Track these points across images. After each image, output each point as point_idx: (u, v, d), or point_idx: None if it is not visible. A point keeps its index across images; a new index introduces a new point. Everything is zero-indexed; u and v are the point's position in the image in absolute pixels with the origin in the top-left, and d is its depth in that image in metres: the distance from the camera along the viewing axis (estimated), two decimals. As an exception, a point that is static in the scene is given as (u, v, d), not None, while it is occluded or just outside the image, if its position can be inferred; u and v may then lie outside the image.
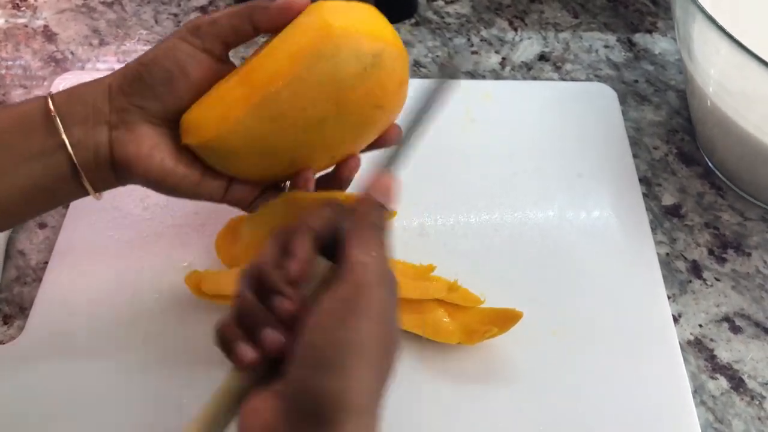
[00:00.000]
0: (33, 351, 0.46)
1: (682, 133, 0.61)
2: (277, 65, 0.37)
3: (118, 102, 0.38)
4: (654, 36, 0.68)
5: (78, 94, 0.38)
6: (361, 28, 0.38)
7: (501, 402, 0.45)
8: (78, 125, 0.37)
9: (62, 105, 0.37)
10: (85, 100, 0.38)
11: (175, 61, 0.38)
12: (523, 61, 0.66)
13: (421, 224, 0.53)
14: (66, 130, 0.37)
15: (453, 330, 0.45)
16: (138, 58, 0.39)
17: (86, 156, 0.37)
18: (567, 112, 0.60)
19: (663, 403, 0.45)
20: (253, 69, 0.38)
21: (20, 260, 0.51)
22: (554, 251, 0.52)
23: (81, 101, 0.38)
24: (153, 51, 0.38)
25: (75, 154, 0.37)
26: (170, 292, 0.48)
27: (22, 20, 0.67)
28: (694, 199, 0.57)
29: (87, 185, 0.38)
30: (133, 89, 0.38)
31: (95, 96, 0.38)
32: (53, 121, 0.37)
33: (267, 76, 0.37)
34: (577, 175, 0.56)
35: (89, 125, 0.37)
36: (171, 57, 0.38)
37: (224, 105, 0.38)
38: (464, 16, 0.69)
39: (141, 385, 0.45)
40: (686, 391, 0.45)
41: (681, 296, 0.51)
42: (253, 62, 0.39)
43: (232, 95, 0.38)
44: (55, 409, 0.44)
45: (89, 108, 0.38)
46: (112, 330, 0.47)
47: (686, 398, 0.45)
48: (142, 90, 0.38)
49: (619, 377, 0.46)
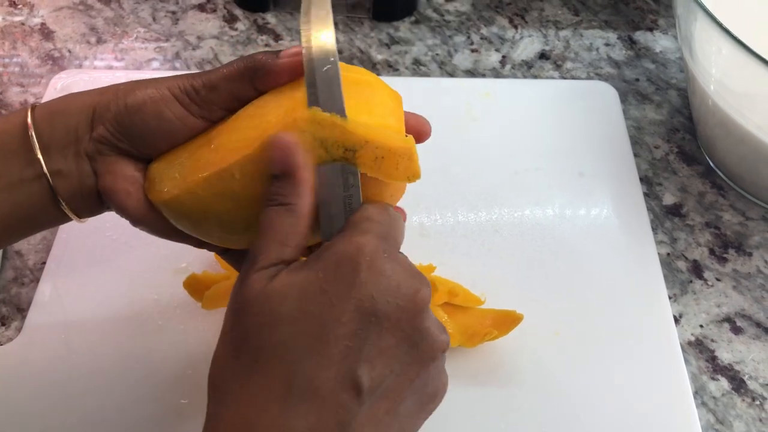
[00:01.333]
0: (30, 352, 0.46)
1: (683, 132, 0.61)
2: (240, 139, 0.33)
3: (98, 131, 0.35)
4: (655, 34, 0.68)
5: (62, 115, 0.35)
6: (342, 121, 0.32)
7: (501, 403, 0.44)
8: (60, 152, 0.34)
9: (44, 127, 0.35)
10: (68, 123, 0.35)
11: (162, 120, 0.34)
12: (524, 60, 0.65)
13: (421, 224, 0.53)
14: (47, 158, 0.34)
15: (453, 332, 0.45)
16: (125, 95, 0.35)
17: (70, 185, 0.35)
18: (567, 110, 0.60)
19: (664, 404, 0.45)
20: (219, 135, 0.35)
21: (17, 261, 0.51)
22: (555, 251, 0.51)
23: (64, 125, 0.35)
24: (140, 93, 0.34)
25: (57, 184, 0.34)
26: (168, 293, 0.48)
27: (19, 18, 0.67)
28: (695, 199, 0.56)
29: (69, 213, 0.36)
30: (114, 128, 0.35)
31: (79, 120, 0.35)
32: (32, 146, 0.34)
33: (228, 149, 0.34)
34: (578, 174, 0.56)
35: (71, 153, 0.35)
36: (158, 114, 0.34)
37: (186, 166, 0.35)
38: (464, 14, 0.69)
39: (139, 385, 0.45)
40: (687, 392, 0.45)
41: (682, 296, 0.51)
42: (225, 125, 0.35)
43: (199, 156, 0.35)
44: (51, 411, 0.43)
45: (72, 134, 0.35)
46: (110, 331, 0.47)
47: (687, 399, 0.45)
48: (122, 131, 0.35)
49: (620, 378, 0.46)
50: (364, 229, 0.31)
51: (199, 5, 0.68)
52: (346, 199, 0.33)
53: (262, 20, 0.67)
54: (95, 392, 0.44)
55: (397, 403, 0.30)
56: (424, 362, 0.31)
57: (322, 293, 0.29)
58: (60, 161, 0.35)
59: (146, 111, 0.34)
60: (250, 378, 0.29)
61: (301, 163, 0.31)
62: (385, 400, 0.30)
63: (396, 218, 0.33)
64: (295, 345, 0.29)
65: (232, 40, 0.66)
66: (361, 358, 0.29)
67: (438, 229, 0.52)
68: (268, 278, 0.30)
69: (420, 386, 0.31)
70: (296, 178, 0.31)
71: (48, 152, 0.34)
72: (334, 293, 0.29)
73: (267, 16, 0.68)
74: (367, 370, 0.29)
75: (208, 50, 0.65)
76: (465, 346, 0.45)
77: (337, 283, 0.29)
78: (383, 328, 0.29)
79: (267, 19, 0.67)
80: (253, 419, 0.28)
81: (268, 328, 0.29)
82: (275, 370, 0.29)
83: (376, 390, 0.29)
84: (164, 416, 0.43)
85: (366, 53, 0.65)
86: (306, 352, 0.29)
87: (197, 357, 0.45)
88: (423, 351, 0.31)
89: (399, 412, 0.30)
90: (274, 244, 0.31)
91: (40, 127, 0.35)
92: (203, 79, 0.35)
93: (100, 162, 0.35)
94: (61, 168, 0.35)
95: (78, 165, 0.35)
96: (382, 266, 0.30)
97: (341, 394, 0.29)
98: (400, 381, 0.30)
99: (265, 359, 0.29)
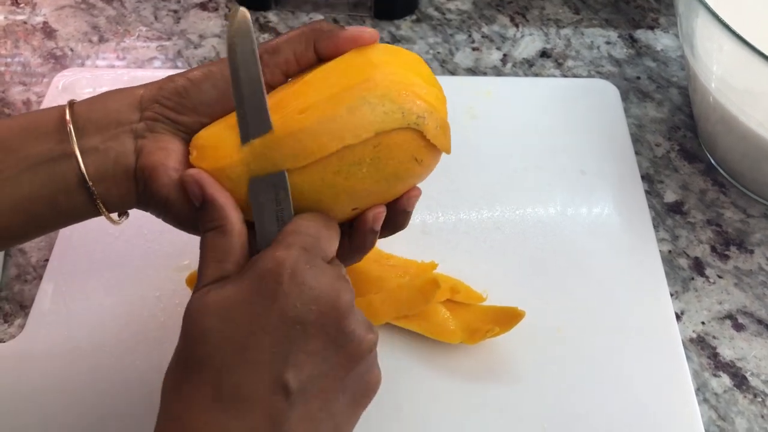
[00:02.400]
0: (33, 349, 0.46)
1: (685, 129, 0.61)
2: (314, 99, 0.34)
3: (150, 111, 0.35)
4: (656, 32, 0.68)
5: (102, 102, 0.36)
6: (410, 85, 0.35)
7: (503, 400, 0.44)
8: (96, 133, 0.35)
9: (82, 112, 0.35)
10: (108, 107, 0.35)
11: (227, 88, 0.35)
12: (525, 58, 0.66)
13: (423, 221, 0.53)
14: (81, 138, 0.34)
15: (455, 329, 0.45)
16: (185, 73, 0.36)
17: (103, 165, 0.35)
18: (569, 108, 0.60)
19: (666, 401, 0.45)
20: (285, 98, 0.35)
21: (21, 258, 0.51)
22: (556, 248, 0.52)
23: (104, 109, 0.35)
24: (206, 68, 0.36)
25: (87, 162, 0.34)
26: (170, 290, 0.48)
27: (21, 17, 0.67)
28: (697, 196, 0.56)
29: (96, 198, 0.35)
30: (173, 102, 0.35)
31: (121, 105, 0.35)
32: (66, 128, 0.34)
33: (299, 109, 0.34)
34: (580, 172, 0.56)
35: (110, 133, 0.35)
36: (224, 79, 0.35)
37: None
38: (465, 13, 0.69)
39: (141, 383, 0.45)
40: (689, 388, 0.45)
41: (683, 294, 0.51)
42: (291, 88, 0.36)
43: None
44: (54, 408, 0.44)
45: (112, 116, 0.35)
46: (113, 328, 0.47)
47: (689, 396, 0.45)
48: (182, 104, 0.35)
49: (622, 375, 0.46)
50: (287, 243, 0.33)
51: (200, 4, 0.69)
52: (278, 213, 0.35)
53: (264, 19, 0.67)
54: (97, 389, 0.44)
55: (329, 401, 0.32)
56: (351, 361, 0.33)
57: (247, 305, 0.31)
58: (95, 139, 0.35)
59: (211, 79, 0.36)
60: (186, 382, 0.32)
61: (214, 191, 0.34)
62: (317, 399, 0.32)
63: (327, 227, 0.35)
64: (222, 354, 0.31)
65: (234, 38, 0.66)
66: (288, 362, 0.31)
67: (440, 227, 0.53)
68: (202, 296, 0.32)
69: (351, 384, 0.33)
70: (215, 203, 0.34)
71: (83, 132, 0.35)
72: (258, 304, 0.31)
73: (269, 14, 0.68)
74: (295, 374, 0.31)
75: (210, 49, 0.65)
76: (467, 342, 0.45)
77: (261, 296, 0.31)
78: (308, 334, 0.31)
79: (269, 17, 0.68)
80: (189, 418, 0.31)
81: (196, 339, 0.32)
82: (206, 376, 0.31)
83: (306, 391, 0.31)
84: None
85: (367, 52, 0.65)
86: (234, 360, 0.31)
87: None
88: (350, 351, 0.33)
89: (332, 410, 0.32)
90: (212, 263, 0.33)
91: (78, 112, 0.35)
92: (267, 45, 0.36)
93: (151, 139, 0.35)
94: (97, 145, 0.35)
95: (119, 143, 0.35)
96: (303, 276, 0.32)
97: (271, 397, 0.31)
98: (330, 380, 0.32)
99: (197, 368, 0.31)
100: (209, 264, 0.33)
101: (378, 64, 0.35)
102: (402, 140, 0.35)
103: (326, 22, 0.37)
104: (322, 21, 0.37)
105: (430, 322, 0.46)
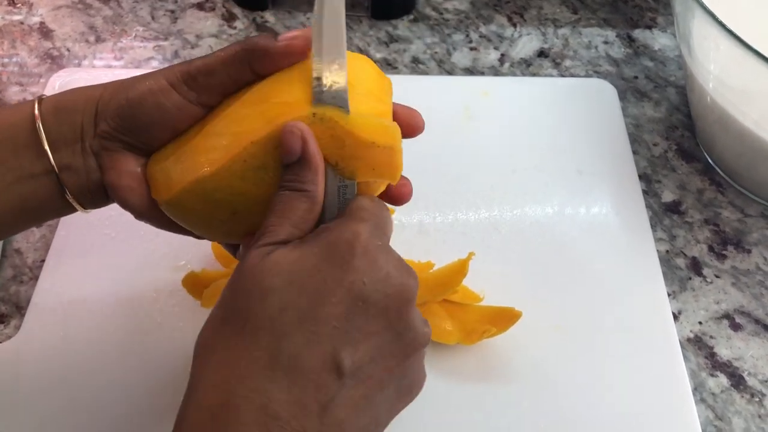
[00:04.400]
0: (29, 350, 0.46)
1: (682, 129, 0.61)
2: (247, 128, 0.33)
3: (101, 127, 0.35)
4: (654, 32, 0.68)
5: (67, 111, 0.35)
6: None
7: (500, 400, 0.44)
8: (66, 147, 0.35)
9: (51, 122, 0.35)
10: (73, 120, 0.35)
11: (162, 111, 0.34)
12: (522, 58, 0.66)
13: (420, 221, 0.53)
14: (55, 154, 0.35)
15: (451, 330, 0.45)
16: (126, 90, 0.35)
17: (78, 180, 0.35)
18: (566, 108, 0.60)
19: (663, 401, 0.45)
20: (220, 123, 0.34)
21: (17, 259, 0.51)
22: (554, 248, 0.52)
23: (70, 121, 0.35)
24: (140, 86, 0.34)
25: (65, 178, 0.35)
26: (167, 290, 0.48)
27: (18, 17, 0.67)
28: (694, 196, 0.56)
29: (76, 206, 0.36)
30: (116, 122, 0.35)
31: (84, 116, 0.35)
32: (41, 141, 0.34)
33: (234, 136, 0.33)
34: (577, 171, 0.56)
35: (78, 149, 0.35)
36: (158, 105, 0.34)
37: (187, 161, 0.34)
38: (463, 12, 0.69)
39: (138, 383, 0.45)
40: (686, 388, 0.45)
41: (681, 293, 0.51)
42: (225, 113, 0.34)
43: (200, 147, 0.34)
44: (51, 408, 0.43)
45: (77, 130, 0.35)
46: (109, 328, 0.47)
47: (686, 396, 0.45)
48: (125, 125, 0.35)
49: (619, 375, 0.46)
50: (360, 217, 0.32)
51: (197, 4, 0.68)
52: (341, 189, 0.33)
53: (261, 19, 0.67)
54: (94, 389, 0.44)
55: (375, 390, 0.30)
56: (405, 353, 0.31)
57: (316, 272, 0.30)
58: (68, 156, 0.35)
59: (146, 104, 0.34)
60: (236, 343, 0.29)
61: (315, 151, 0.32)
62: (363, 386, 0.30)
63: (387, 212, 0.34)
64: (284, 319, 0.29)
65: (231, 38, 0.66)
66: (346, 340, 0.29)
67: (437, 227, 0.52)
68: (267, 253, 0.31)
69: (399, 377, 0.32)
70: (312, 164, 0.32)
71: (56, 147, 0.35)
72: (327, 273, 0.30)
73: (266, 14, 0.68)
74: (351, 353, 0.29)
75: (207, 49, 0.65)
76: (463, 343, 0.45)
77: (331, 264, 0.30)
78: (370, 315, 0.30)
79: (266, 17, 0.68)
80: (234, 383, 0.29)
81: (260, 298, 0.30)
82: (262, 340, 0.29)
83: (356, 374, 0.30)
84: (163, 412, 0.43)
85: (365, 52, 0.65)
86: (294, 327, 0.29)
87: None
88: (405, 342, 0.31)
89: (375, 400, 0.31)
90: (287, 225, 0.32)
91: (48, 122, 0.35)
92: (199, 64, 0.34)
93: (105, 158, 0.35)
94: (69, 163, 0.35)
95: (85, 161, 0.35)
96: (376, 255, 0.31)
97: (323, 374, 0.29)
98: (380, 369, 0.31)
99: (253, 328, 0.29)
100: (283, 224, 0.32)
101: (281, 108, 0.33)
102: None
103: (260, 37, 0.34)
104: (255, 37, 0.34)
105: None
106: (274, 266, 0.30)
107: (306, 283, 0.30)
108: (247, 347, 0.29)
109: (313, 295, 0.30)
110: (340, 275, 0.30)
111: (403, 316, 0.31)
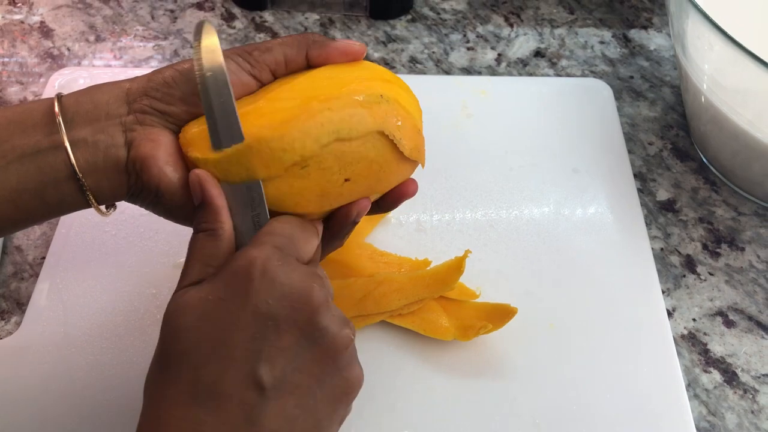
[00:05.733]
0: (30, 347, 0.46)
1: (677, 128, 0.61)
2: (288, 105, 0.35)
3: (138, 104, 0.36)
4: (649, 32, 0.69)
5: (89, 95, 0.36)
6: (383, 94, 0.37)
7: (496, 396, 0.45)
8: (85, 125, 0.35)
9: (70, 105, 0.35)
10: (96, 100, 0.36)
11: None
12: (519, 57, 0.66)
13: (417, 220, 0.53)
14: (70, 130, 0.34)
15: (448, 326, 0.46)
16: (174, 65, 0.37)
17: (93, 157, 0.35)
18: (562, 108, 0.61)
19: (657, 397, 0.45)
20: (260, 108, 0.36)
21: (17, 256, 0.51)
22: (550, 246, 0.52)
23: (92, 102, 0.36)
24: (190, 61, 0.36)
25: (77, 154, 0.34)
26: (167, 287, 0.48)
27: (18, 16, 0.67)
28: (689, 195, 0.57)
29: (88, 194, 0.35)
30: (161, 93, 0.36)
31: (109, 97, 0.36)
32: (55, 119, 0.34)
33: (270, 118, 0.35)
34: (573, 170, 0.57)
35: (99, 125, 0.35)
36: None
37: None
38: (460, 12, 0.70)
39: (138, 380, 0.45)
40: (680, 384, 0.46)
41: (675, 290, 0.52)
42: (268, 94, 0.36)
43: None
44: (51, 404, 0.44)
45: (100, 109, 0.35)
46: (109, 326, 0.47)
47: (680, 392, 0.46)
48: (171, 94, 0.36)
49: (613, 371, 0.46)
50: (260, 242, 0.34)
51: (197, 3, 0.69)
52: (254, 218, 0.35)
53: (260, 18, 0.68)
54: (94, 386, 0.45)
55: (305, 397, 0.32)
56: (327, 357, 0.33)
57: (221, 303, 0.32)
58: (84, 131, 0.35)
59: None
60: (164, 380, 0.32)
61: (215, 194, 0.35)
62: (292, 396, 0.32)
63: (302, 229, 0.36)
64: (200, 351, 0.32)
65: (230, 38, 0.66)
66: (261, 358, 0.31)
67: (434, 225, 0.53)
68: (182, 296, 0.33)
69: (329, 380, 0.33)
70: (213, 206, 0.34)
71: (72, 124, 0.35)
72: (231, 302, 0.32)
73: (265, 14, 0.68)
74: (269, 369, 0.31)
75: (206, 48, 0.65)
76: (460, 339, 0.46)
77: (234, 293, 0.32)
78: (281, 330, 0.32)
79: (265, 17, 0.68)
80: (164, 417, 0.31)
81: (175, 338, 0.32)
82: (183, 374, 0.32)
83: (280, 386, 0.32)
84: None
85: (363, 51, 0.66)
86: (209, 357, 0.31)
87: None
88: (324, 347, 0.33)
89: (309, 405, 0.32)
90: (198, 265, 0.34)
91: (66, 104, 0.36)
92: (259, 44, 0.38)
93: (141, 132, 0.36)
94: (86, 137, 0.35)
95: (108, 135, 0.35)
96: (274, 274, 0.32)
97: (245, 392, 0.31)
98: (305, 376, 0.32)
99: (174, 366, 0.32)
100: (194, 264, 0.34)
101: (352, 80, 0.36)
102: (370, 146, 0.36)
103: (320, 35, 0.38)
104: (316, 33, 0.38)
105: (423, 319, 0.46)
106: (185, 307, 0.32)
107: (214, 315, 0.32)
108: (172, 382, 0.32)
109: (221, 324, 0.32)
110: (243, 301, 0.32)
111: (315, 324, 0.33)
